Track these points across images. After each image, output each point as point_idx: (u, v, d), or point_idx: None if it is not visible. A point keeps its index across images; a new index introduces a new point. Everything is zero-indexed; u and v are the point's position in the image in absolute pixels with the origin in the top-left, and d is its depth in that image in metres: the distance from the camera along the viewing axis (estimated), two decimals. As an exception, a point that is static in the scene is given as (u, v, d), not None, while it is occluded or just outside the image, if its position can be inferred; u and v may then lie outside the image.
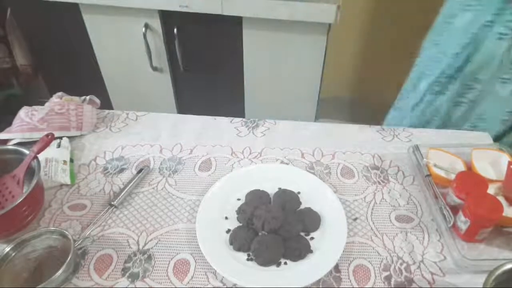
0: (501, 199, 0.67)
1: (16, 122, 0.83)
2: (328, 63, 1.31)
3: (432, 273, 0.62)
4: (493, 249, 0.65)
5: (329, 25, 1.17)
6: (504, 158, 0.76)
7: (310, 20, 1.14)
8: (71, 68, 1.43)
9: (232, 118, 0.92)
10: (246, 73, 1.33)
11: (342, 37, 1.69)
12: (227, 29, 1.22)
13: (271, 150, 0.84)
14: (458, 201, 0.68)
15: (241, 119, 0.92)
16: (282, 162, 0.81)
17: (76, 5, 1.22)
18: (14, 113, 0.86)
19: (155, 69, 1.35)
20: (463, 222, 0.64)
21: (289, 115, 1.35)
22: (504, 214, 0.63)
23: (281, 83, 1.34)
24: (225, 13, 1.14)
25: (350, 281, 0.61)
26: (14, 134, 0.81)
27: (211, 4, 1.13)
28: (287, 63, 1.28)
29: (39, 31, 1.34)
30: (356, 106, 1.98)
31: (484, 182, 0.69)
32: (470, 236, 0.65)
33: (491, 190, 0.69)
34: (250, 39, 1.24)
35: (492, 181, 0.71)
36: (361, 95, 1.94)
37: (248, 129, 0.89)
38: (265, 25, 1.18)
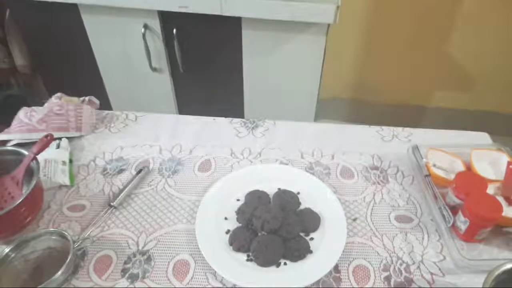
0: (500, 199, 0.67)
1: (15, 122, 0.83)
2: (327, 63, 1.31)
3: (431, 273, 0.62)
4: (492, 249, 0.65)
5: (328, 25, 1.17)
6: (504, 158, 0.76)
7: (309, 21, 1.13)
8: (70, 69, 1.42)
9: (231, 118, 0.92)
10: (246, 73, 1.32)
11: (342, 37, 1.69)
12: (227, 29, 1.22)
13: (270, 150, 0.84)
14: (457, 201, 0.68)
15: (240, 119, 0.92)
16: (281, 162, 0.81)
17: (75, 5, 1.22)
18: (13, 114, 0.86)
19: (154, 69, 1.35)
20: (462, 222, 0.64)
21: (289, 115, 1.35)
22: (503, 214, 0.63)
23: (280, 84, 1.34)
24: (225, 13, 1.14)
25: (350, 281, 0.61)
26: (13, 135, 0.81)
27: (210, 5, 1.13)
28: (286, 63, 1.28)
29: (38, 32, 1.34)
30: (355, 106, 1.98)
31: (483, 182, 0.69)
32: (469, 236, 0.65)
33: (491, 190, 0.69)
34: (250, 40, 1.24)
35: (491, 181, 0.71)
36: (360, 96, 1.94)
37: (247, 129, 0.89)
38: (265, 25, 1.18)
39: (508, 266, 0.53)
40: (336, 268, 0.62)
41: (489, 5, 1.56)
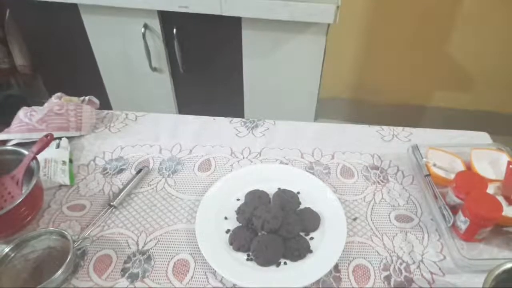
0: (500, 198, 0.67)
1: (15, 122, 0.83)
2: (327, 63, 1.31)
3: (431, 273, 0.62)
4: (492, 249, 0.65)
5: (328, 25, 1.17)
6: (504, 157, 0.76)
7: (309, 21, 1.13)
8: (70, 69, 1.42)
9: (231, 118, 0.92)
10: (246, 73, 1.32)
11: (342, 37, 1.69)
12: (227, 29, 1.22)
13: (270, 150, 0.84)
14: (457, 200, 0.68)
15: (240, 119, 0.92)
16: (281, 162, 0.81)
17: (75, 5, 1.22)
18: (12, 114, 0.86)
19: (154, 69, 1.35)
20: (462, 222, 0.64)
21: (289, 115, 1.35)
22: (503, 213, 0.63)
23: (280, 84, 1.34)
24: (225, 13, 1.14)
25: (350, 281, 0.61)
26: (13, 135, 0.81)
27: (210, 5, 1.13)
28: (286, 63, 1.28)
29: (38, 32, 1.34)
30: (355, 106, 1.98)
31: (483, 181, 0.69)
32: (469, 236, 0.65)
33: (491, 189, 0.69)
34: (250, 40, 1.24)
35: (491, 180, 0.71)
36: (360, 96, 1.94)
37: (247, 129, 0.89)
38: (264, 25, 1.18)
39: (508, 265, 0.53)
40: (336, 268, 0.62)
41: (489, 5, 1.56)
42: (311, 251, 0.64)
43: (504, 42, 1.66)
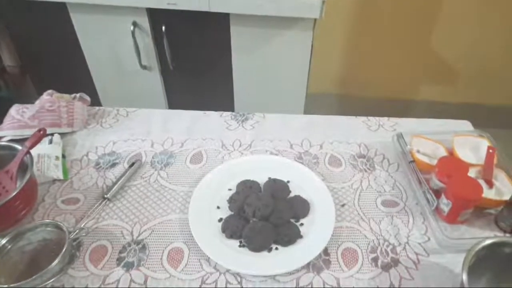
0: (481, 182, 0.70)
1: (7, 119, 0.84)
2: (315, 59, 1.33)
3: (416, 254, 0.64)
4: (474, 230, 0.68)
5: (315, 20, 1.19)
6: (484, 143, 0.79)
7: (296, 16, 1.16)
8: (60, 68, 1.42)
9: (221, 112, 0.94)
10: (235, 69, 1.34)
11: (329, 33, 1.71)
12: (215, 26, 1.24)
13: (260, 142, 0.86)
14: (440, 185, 0.71)
15: (230, 113, 0.93)
16: (271, 153, 0.83)
17: (63, 4, 1.22)
18: (2, 116, 0.86)
19: (144, 67, 1.36)
20: (445, 204, 0.67)
21: (278, 110, 1.37)
22: (484, 195, 0.66)
23: (269, 79, 1.36)
24: (213, 10, 1.15)
25: (339, 263, 0.63)
26: (5, 132, 0.81)
27: (198, 1, 1.14)
28: (274, 59, 1.30)
29: (27, 32, 1.34)
30: (344, 101, 2.00)
31: (464, 166, 0.72)
32: (452, 218, 0.68)
33: (472, 173, 0.72)
34: (238, 36, 1.25)
35: (472, 165, 0.74)
36: (348, 90, 1.97)
37: (237, 122, 0.91)
38: (253, 21, 1.20)
39: (487, 242, 0.56)
40: (325, 251, 0.64)
41: (473, 3, 1.60)
42: (301, 237, 0.66)
43: (489, 40, 1.70)
